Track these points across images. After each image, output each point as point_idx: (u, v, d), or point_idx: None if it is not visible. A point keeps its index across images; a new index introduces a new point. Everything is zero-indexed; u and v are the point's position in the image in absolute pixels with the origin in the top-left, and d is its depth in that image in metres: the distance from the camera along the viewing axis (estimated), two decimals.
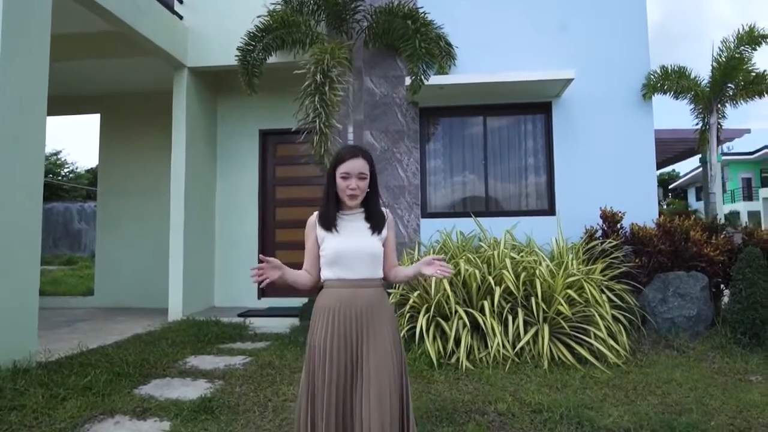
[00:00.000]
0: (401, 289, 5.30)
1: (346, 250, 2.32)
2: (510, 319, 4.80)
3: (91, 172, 29.09)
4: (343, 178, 2.33)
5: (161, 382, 4.26)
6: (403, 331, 4.80)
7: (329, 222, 2.37)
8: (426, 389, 4.06)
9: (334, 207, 2.39)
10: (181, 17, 7.05)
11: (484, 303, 4.84)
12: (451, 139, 6.94)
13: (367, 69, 6.71)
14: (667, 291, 5.47)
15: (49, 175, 24.29)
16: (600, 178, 6.42)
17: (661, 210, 6.25)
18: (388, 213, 2.49)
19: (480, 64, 6.56)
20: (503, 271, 4.96)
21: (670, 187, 39.01)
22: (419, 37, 5.62)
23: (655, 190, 6.38)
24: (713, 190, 6.51)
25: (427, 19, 6.04)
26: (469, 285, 4.95)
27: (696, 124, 7.07)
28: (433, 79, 5.96)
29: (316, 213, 2.43)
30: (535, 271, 4.97)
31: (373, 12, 6.15)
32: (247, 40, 6.07)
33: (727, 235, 5.85)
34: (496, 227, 6.07)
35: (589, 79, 6.39)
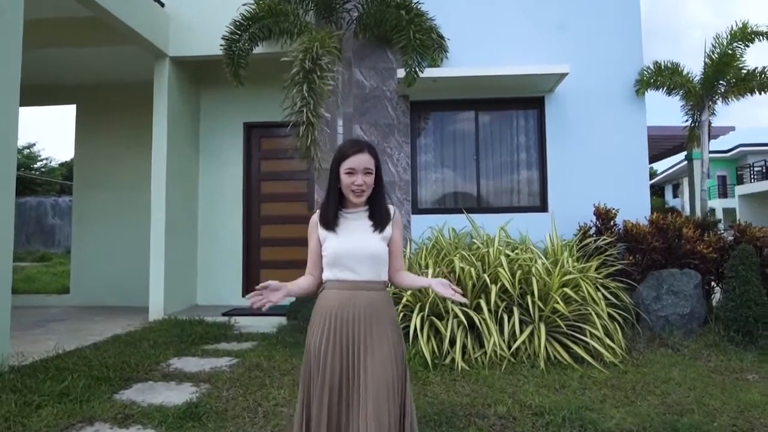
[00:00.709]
0: (393, 286, 5.15)
1: (346, 250, 2.18)
2: (505, 318, 4.69)
3: (65, 166, 28.37)
4: (348, 174, 2.17)
5: (143, 386, 4.05)
6: None
7: (329, 221, 2.23)
8: (422, 391, 3.92)
9: (336, 205, 2.25)
10: (162, 4, 6.76)
11: (480, 302, 4.72)
12: (442, 134, 6.81)
13: (357, 61, 6.53)
14: (660, 289, 5.42)
15: (22, 168, 23.57)
16: (592, 174, 6.35)
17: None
18: (395, 211, 2.34)
19: (472, 58, 6.43)
20: (499, 268, 4.85)
21: None
22: (413, 28, 5.46)
23: (647, 186, 6.34)
24: (704, 187, 6.49)
25: (421, 9, 5.88)
26: (464, 283, 4.83)
27: (685, 121, 7.06)
28: (425, 71, 5.81)
29: (319, 211, 2.29)
30: (531, 269, 4.87)
31: (364, 1, 5.96)
32: (232, 29, 5.84)
33: (719, 232, 5.83)
34: (488, 224, 5.96)
35: (582, 75, 6.31)
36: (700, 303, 5.45)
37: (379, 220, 2.25)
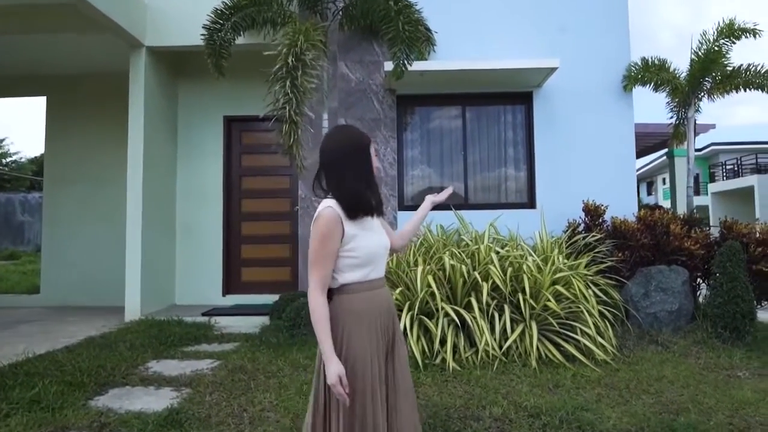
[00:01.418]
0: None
1: (379, 247, 2.06)
2: (496, 316, 4.60)
3: (35, 162, 27.50)
4: (375, 156, 2.10)
5: (120, 391, 3.84)
6: None
7: (378, 207, 2.06)
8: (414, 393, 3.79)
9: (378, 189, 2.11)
10: None
11: (471, 300, 4.61)
12: (429, 129, 6.69)
13: (342, 53, 6.36)
14: (649, 285, 5.40)
15: None
16: (580, 170, 6.30)
17: None
18: None
19: (459, 52, 6.32)
20: (490, 266, 4.74)
21: None
22: (402, 19, 5.31)
23: (634, 183, 6.32)
24: (690, 183, 6.50)
25: (409, 0, 5.73)
26: (455, 281, 4.72)
27: (670, 118, 7.07)
28: (413, 65, 5.66)
29: (333, 205, 1.93)
30: (522, 267, 4.78)
31: None
32: (213, 17, 5.62)
33: (706, 228, 5.84)
34: (476, 221, 5.85)
35: (570, 70, 6.24)
36: (688, 299, 5.44)
37: (379, 207, 2.13)
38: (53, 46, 6.97)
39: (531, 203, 6.44)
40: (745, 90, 6.14)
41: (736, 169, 27.78)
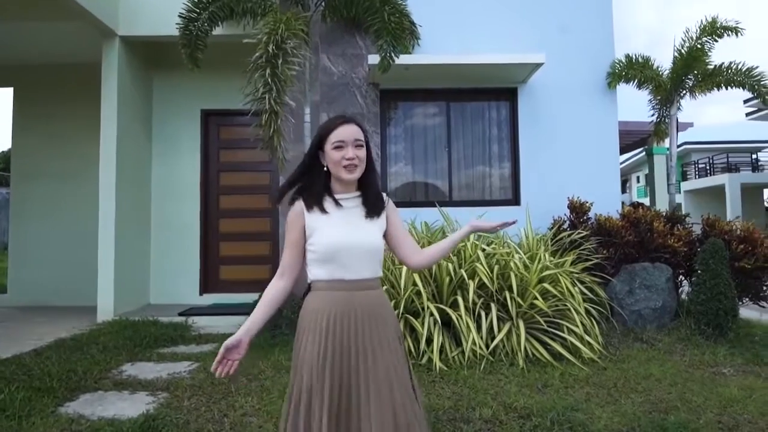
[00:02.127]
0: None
1: (344, 243, 1.86)
2: (483, 315, 4.52)
3: (1, 157, 26.59)
4: (338, 148, 1.87)
5: (92, 396, 3.65)
6: None
7: (317, 202, 1.89)
8: None
9: (323, 186, 1.93)
10: None
11: (457, 298, 4.52)
12: (413, 125, 6.58)
13: (325, 46, 6.20)
14: (633, 283, 5.39)
15: None
16: (565, 167, 6.27)
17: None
18: (386, 197, 2.06)
19: (443, 47, 6.20)
20: (476, 263, 4.66)
21: None
22: (387, 10, 5.18)
23: (618, 180, 6.32)
24: (672, 181, 6.52)
25: None
26: (441, 279, 4.62)
27: (652, 115, 7.09)
28: (398, 58, 5.54)
29: (301, 198, 1.93)
30: (509, 264, 4.71)
31: None
32: (190, 6, 5.40)
33: (688, 225, 5.86)
34: (460, 217, 5.77)
35: (555, 66, 6.19)
36: (671, 297, 5.46)
37: (375, 206, 1.97)
38: (20, 35, 6.65)
39: (515, 200, 6.39)
40: (726, 88, 6.19)
41: (708, 168, 28.41)
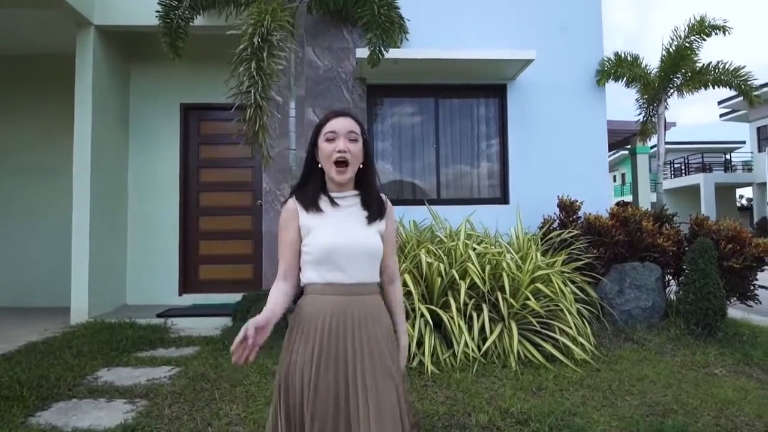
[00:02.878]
0: None
1: (340, 245, 1.74)
2: (474, 316, 4.41)
3: None
4: (329, 140, 1.76)
5: (66, 405, 3.44)
6: None
7: (312, 201, 1.79)
8: None
9: (318, 184, 1.83)
10: None
11: (449, 299, 4.40)
12: (400, 121, 6.44)
13: (310, 39, 6.02)
14: (623, 282, 5.35)
15: None
16: (554, 165, 6.21)
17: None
18: (386, 199, 1.94)
19: (432, 42, 6.07)
20: (468, 263, 4.55)
21: None
22: (377, 2, 5.03)
23: (607, 178, 6.28)
24: (660, 180, 6.51)
25: None
26: (431, 279, 4.50)
27: (638, 114, 7.07)
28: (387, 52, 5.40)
29: (295, 196, 1.84)
30: (501, 264, 4.61)
31: None
32: None
33: (676, 225, 5.84)
34: (449, 216, 5.67)
35: (544, 64, 6.12)
36: (660, 296, 5.43)
37: (375, 207, 1.84)
38: None
39: (504, 199, 6.31)
40: (714, 87, 6.19)
41: (683, 168, 28.92)
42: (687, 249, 5.47)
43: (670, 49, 6.16)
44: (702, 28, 5.89)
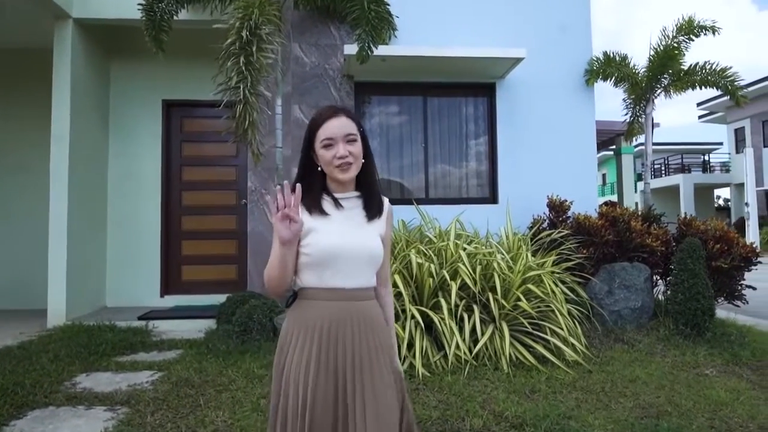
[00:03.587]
0: None
1: (342, 248, 1.65)
2: (465, 317, 4.34)
3: None
4: (327, 147, 1.67)
5: (43, 413, 3.28)
6: None
7: (316, 201, 1.70)
8: None
9: (319, 182, 1.73)
10: None
11: (440, 300, 4.32)
12: (388, 119, 6.35)
13: (297, 35, 5.90)
14: (613, 283, 5.33)
15: None
16: (542, 165, 6.18)
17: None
18: (386, 200, 1.84)
19: (420, 39, 5.99)
20: (459, 264, 4.48)
21: None
22: None
23: (595, 177, 6.27)
24: (648, 180, 6.53)
25: None
26: (422, 280, 4.42)
27: (625, 114, 7.09)
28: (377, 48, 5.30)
29: None
30: (492, 264, 4.55)
31: None
32: None
33: (664, 225, 5.85)
34: (439, 215, 5.59)
35: (533, 63, 6.07)
36: (649, 296, 5.43)
37: (376, 207, 1.76)
38: None
39: (493, 198, 6.26)
40: (701, 88, 6.23)
41: (663, 168, 29.33)
42: (675, 249, 5.48)
43: (659, 48, 6.16)
44: (690, 29, 5.91)
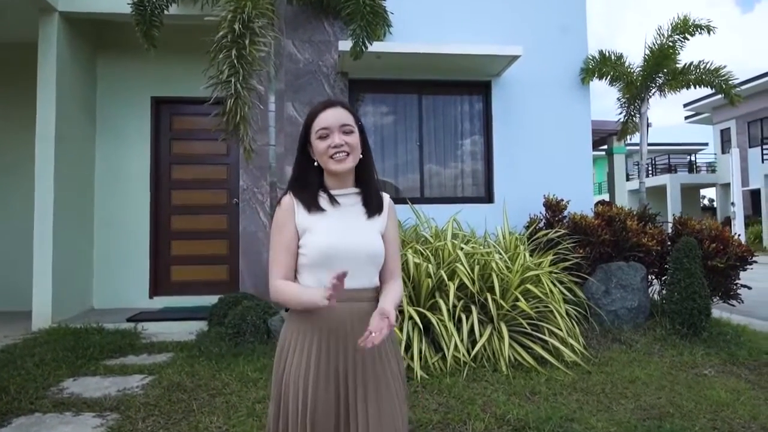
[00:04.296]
0: None
1: (341, 247, 1.59)
2: (463, 318, 4.27)
3: None
4: (322, 138, 1.61)
5: (28, 420, 3.16)
6: None
7: (312, 198, 1.64)
8: None
9: (316, 178, 1.68)
10: None
11: (438, 301, 4.25)
12: (383, 117, 6.27)
13: (290, 31, 5.79)
14: (610, 282, 5.30)
15: None
16: (538, 164, 6.14)
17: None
18: (386, 197, 1.77)
19: (415, 37, 5.92)
20: (457, 264, 4.41)
21: None
22: None
23: (590, 177, 6.24)
24: (642, 179, 6.52)
25: None
26: (419, 281, 4.34)
27: (619, 114, 7.07)
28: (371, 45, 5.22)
29: (290, 192, 1.67)
30: (491, 264, 4.48)
31: None
32: None
33: (659, 224, 5.84)
34: (435, 215, 5.52)
35: (529, 61, 6.01)
36: (645, 296, 5.40)
37: (374, 204, 1.69)
38: None
39: (489, 198, 6.20)
40: (695, 87, 6.22)
41: (650, 168, 29.58)
42: (670, 248, 5.46)
43: (654, 47, 6.15)
44: (686, 28, 5.90)
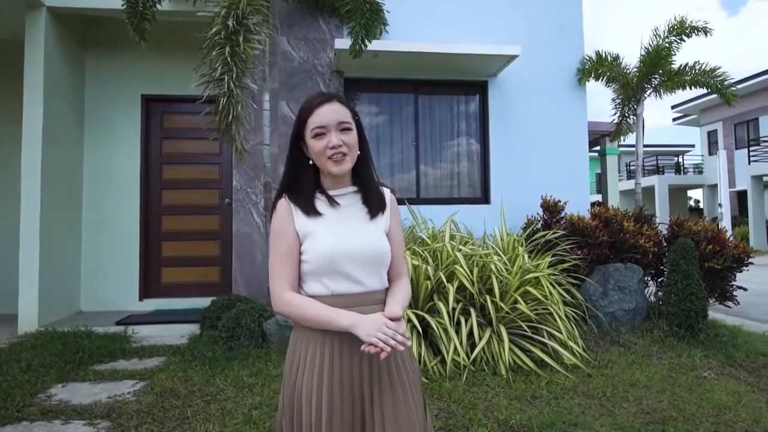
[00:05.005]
0: None
1: (343, 250, 1.50)
2: (462, 321, 4.21)
3: None
4: (318, 136, 1.50)
5: (15, 429, 3.04)
6: None
7: (308, 201, 1.55)
8: None
9: (311, 178, 1.58)
10: None
11: (438, 304, 4.19)
12: (378, 117, 6.20)
13: (285, 29, 5.70)
14: (607, 284, 5.26)
15: None
16: (534, 165, 6.10)
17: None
18: (387, 192, 1.67)
19: (412, 36, 5.86)
20: (456, 266, 4.35)
21: None
22: None
23: (587, 178, 6.22)
24: (639, 180, 6.51)
25: None
26: (418, 283, 4.27)
27: (614, 114, 7.06)
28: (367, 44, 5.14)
29: (286, 195, 1.58)
30: (489, 266, 4.43)
31: None
32: None
33: (655, 225, 5.82)
34: (429, 216, 5.46)
35: (525, 61, 5.99)
36: (643, 298, 5.38)
37: (375, 203, 1.60)
38: None
39: (485, 198, 6.16)
40: (691, 88, 6.23)
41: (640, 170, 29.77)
42: (666, 250, 5.45)
43: (650, 48, 6.14)
44: (682, 29, 5.90)
